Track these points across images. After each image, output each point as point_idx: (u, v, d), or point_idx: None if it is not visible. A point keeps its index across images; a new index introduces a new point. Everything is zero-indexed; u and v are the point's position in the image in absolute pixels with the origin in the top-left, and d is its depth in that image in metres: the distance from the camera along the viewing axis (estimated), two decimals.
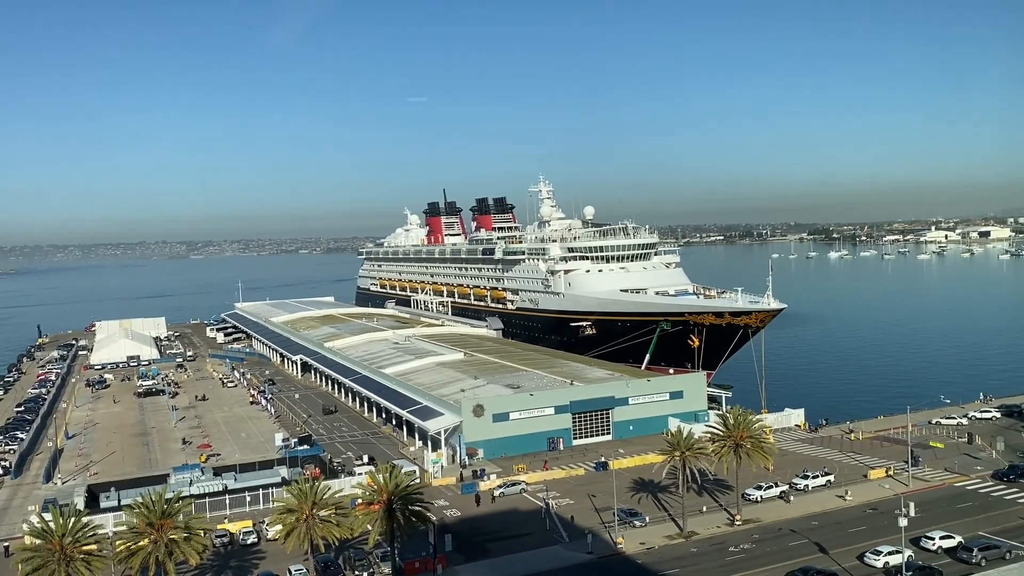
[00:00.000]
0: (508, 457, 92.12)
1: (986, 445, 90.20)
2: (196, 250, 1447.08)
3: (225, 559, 66.23)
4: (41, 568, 51.53)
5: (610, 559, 63.06)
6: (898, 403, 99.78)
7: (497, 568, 61.92)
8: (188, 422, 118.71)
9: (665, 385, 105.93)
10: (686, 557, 62.26)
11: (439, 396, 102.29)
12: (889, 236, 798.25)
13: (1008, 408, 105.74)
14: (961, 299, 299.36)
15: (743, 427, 71.56)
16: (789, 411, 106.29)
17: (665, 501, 75.93)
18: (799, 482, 78.68)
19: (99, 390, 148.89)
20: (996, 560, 58.12)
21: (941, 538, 61.61)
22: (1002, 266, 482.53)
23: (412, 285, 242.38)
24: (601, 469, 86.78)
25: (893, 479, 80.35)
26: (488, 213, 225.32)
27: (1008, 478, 77.87)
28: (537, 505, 75.16)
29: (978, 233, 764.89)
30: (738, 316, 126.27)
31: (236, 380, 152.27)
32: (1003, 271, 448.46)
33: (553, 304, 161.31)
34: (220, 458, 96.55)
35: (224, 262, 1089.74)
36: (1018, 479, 77.32)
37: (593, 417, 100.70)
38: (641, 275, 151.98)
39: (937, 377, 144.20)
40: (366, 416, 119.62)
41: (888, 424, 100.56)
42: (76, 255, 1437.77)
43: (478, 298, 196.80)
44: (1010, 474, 78.33)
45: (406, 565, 61.94)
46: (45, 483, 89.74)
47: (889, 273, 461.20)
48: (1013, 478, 77.59)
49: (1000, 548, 59.77)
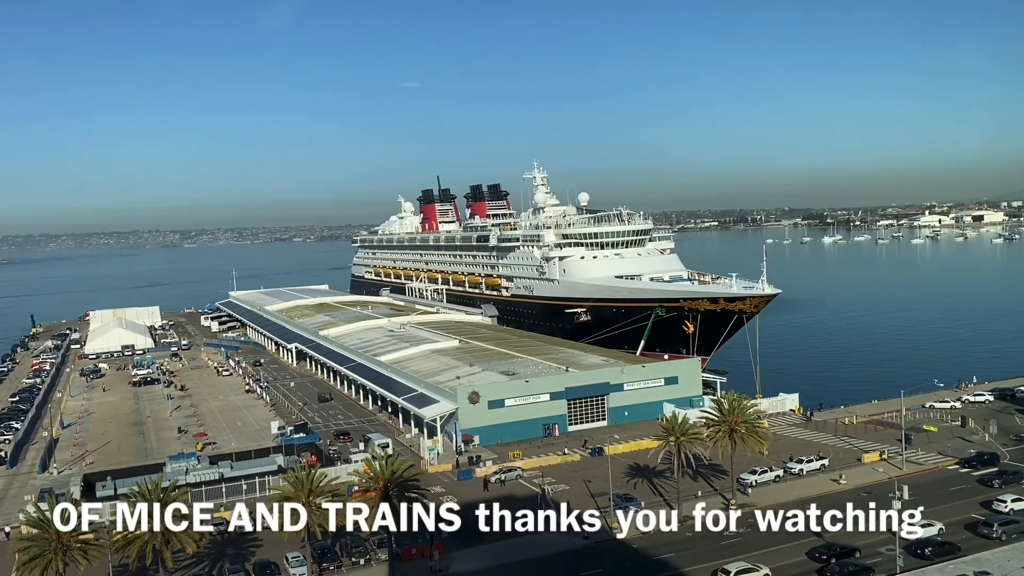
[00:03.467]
0: (504, 444, 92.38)
1: (979, 428, 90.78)
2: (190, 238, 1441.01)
3: (222, 547, 66.38)
4: (38, 557, 51.63)
5: (605, 544, 63.40)
6: (892, 387, 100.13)
7: (493, 554, 62.17)
8: (184, 411, 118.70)
9: (660, 371, 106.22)
10: (681, 542, 62.57)
11: (435, 383, 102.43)
12: (883, 221, 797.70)
13: (1001, 391, 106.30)
14: (954, 283, 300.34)
15: (738, 412, 71.91)
16: (783, 396, 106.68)
17: (660, 486, 76.29)
18: (793, 466, 79.18)
19: (94, 379, 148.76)
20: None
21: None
22: (995, 250, 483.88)
23: (407, 273, 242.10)
24: (596, 454, 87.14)
25: (887, 463, 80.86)
26: (483, 200, 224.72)
27: (973, 465, 77.67)
28: (533, 491, 75.48)
29: (972, 217, 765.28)
30: (733, 302, 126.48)
31: (231, 369, 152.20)
32: (996, 255, 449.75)
33: (548, 291, 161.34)
34: (216, 447, 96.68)
35: (218, 250, 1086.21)
36: (983, 466, 77.17)
37: (588, 403, 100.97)
38: (636, 261, 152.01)
39: (930, 361, 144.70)
40: (361, 404, 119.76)
41: (882, 408, 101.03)
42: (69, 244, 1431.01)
43: (473, 285, 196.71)
44: (975, 461, 78.15)
45: (403, 551, 62.20)
46: (41, 473, 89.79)
47: (883, 258, 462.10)
48: (978, 465, 77.41)
49: None
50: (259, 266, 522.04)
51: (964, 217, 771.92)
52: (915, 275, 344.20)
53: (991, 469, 76.64)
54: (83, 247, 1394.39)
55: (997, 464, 78.21)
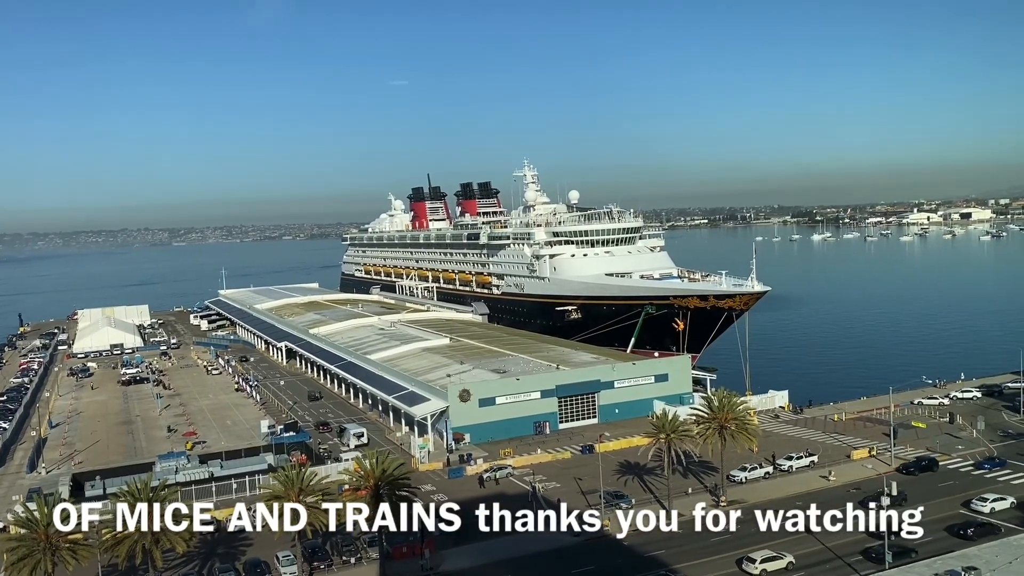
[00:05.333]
0: (495, 442, 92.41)
1: (967, 425, 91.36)
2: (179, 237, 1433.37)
3: (212, 546, 66.19)
4: (27, 558, 51.37)
5: (596, 541, 63.50)
6: (880, 384, 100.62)
7: (485, 551, 62.21)
8: (173, 410, 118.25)
9: (650, 368, 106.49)
10: (672, 538, 62.65)
11: (425, 381, 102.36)
12: (872, 218, 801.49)
13: (989, 388, 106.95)
14: (943, 280, 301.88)
15: (728, 409, 72.09)
16: (773, 393, 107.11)
17: (651, 483, 76.49)
18: (783, 463, 79.51)
19: (83, 379, 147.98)
20: None
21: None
22: (983, 247, 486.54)
23: (397, 271, 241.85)
24: (587, 452, 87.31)
25: (876, 459, 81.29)
26: (473, 198, 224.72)
27: (909, 471, 76.69)
28: (524, 489, 75.54)
29: (960, 215, 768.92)
30: (722, 299, 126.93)
31: (221, 367, 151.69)
32: (984, 252, 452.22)
33: (538, 289, 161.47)
34: (206, 446, 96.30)
35: (207, 249, 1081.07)
36: (919, 472, 76.25)
37: (579, 401, 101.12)
38: (626, 259, 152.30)
39: (919, 358, 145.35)
40: (352, 402, 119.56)
41: (871, 405, 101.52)
42: (57, 243, 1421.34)
43: (463, 283, 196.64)
44: (911, 467, 77.25)
45: (394, 550, 62.16)
46: (29, 472, 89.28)
47: (872, 255, 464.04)
48: (914, 471, 76.46)
49: None
50: (249, 264, 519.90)
51: (952, 215, 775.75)
52: (904, 272, 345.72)
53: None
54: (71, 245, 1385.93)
55: (936, 469, 77.22)
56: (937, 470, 77.28)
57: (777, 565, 57.57)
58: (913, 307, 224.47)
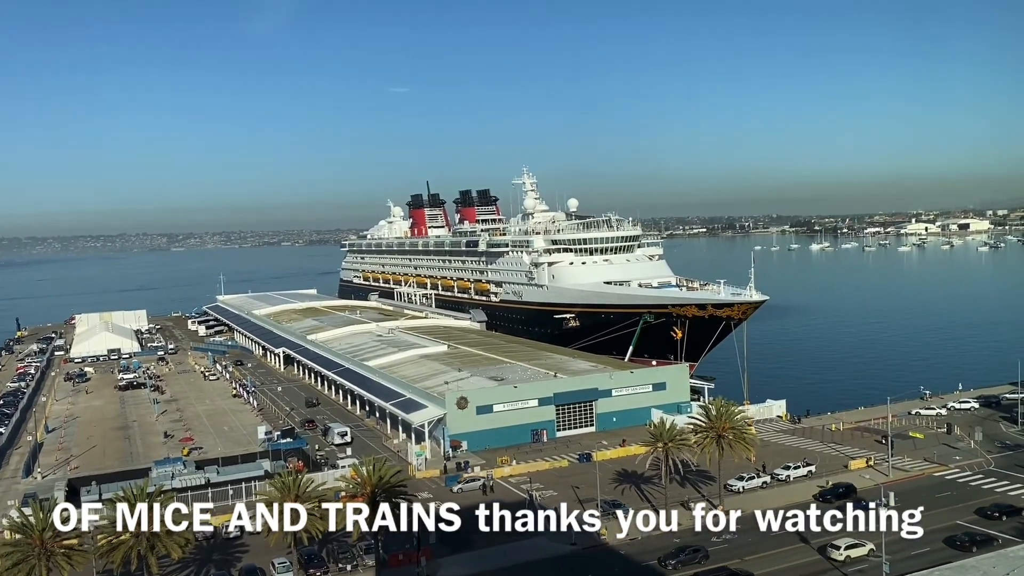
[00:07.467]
0: (492, 449, 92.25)
1: (965, 435, 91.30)
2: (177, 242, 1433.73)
3: (208, 552, 65.98)
4: (22, 563, 51.17)
5: (593, 550, 63.37)
6: (878, 394, 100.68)
7: (481, 560, 62.06)
8: (170, 415, 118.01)
9: (648, 377, 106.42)
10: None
11: (423, 388, 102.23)
12: (870, 228, 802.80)
13: (987, 399, 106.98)
14: (941, 291, 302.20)
15: (725, 418, 72.03)
16: (771, 402, 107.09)
17: (648, 492, 76.34)
18: (781, 473, 79.39)
19: (79, 383, 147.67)
20: None
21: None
22: (981, 258, 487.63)
23: (395, 277, 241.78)
24: (585, 460, 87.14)
25: (874, 469, 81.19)
26: (472, 205, 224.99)
27: (826, 499, 72.16)
28: (520, 497, 75.35)
29: (958, 225, 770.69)
30: (721, 308, 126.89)
31: (218, 373, 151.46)
32: (982, 263, 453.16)
33: (537, 296, 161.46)
34: (202, 451, 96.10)
35: (205, 254, 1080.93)
36: (836, 499, 71.20)
37: (576, 409, 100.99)
38: (624, 267, 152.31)
39: (917, 368, 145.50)
40: (349, 409, 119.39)
41: (869, 415, 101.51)
42: (55, 247, 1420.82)
43: (462, 290, 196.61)
44: (828, 495, 73.23)
45: (390, 557, 61.99)
46: (25, 477, 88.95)
47: (870, 265, 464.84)
48: (831, 499, 71.64)
49: None
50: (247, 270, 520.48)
51: (950, 225, 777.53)
52: (902, 283, 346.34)
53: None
54: (69, 250, 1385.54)
55: (854, 494, 72.46)
56: (855, 496, 72.24)
57: (860, 552, 59.71)
58: (911, 317, 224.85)
